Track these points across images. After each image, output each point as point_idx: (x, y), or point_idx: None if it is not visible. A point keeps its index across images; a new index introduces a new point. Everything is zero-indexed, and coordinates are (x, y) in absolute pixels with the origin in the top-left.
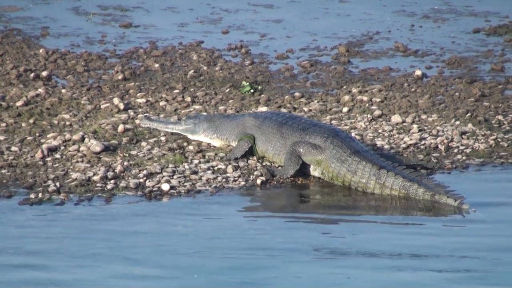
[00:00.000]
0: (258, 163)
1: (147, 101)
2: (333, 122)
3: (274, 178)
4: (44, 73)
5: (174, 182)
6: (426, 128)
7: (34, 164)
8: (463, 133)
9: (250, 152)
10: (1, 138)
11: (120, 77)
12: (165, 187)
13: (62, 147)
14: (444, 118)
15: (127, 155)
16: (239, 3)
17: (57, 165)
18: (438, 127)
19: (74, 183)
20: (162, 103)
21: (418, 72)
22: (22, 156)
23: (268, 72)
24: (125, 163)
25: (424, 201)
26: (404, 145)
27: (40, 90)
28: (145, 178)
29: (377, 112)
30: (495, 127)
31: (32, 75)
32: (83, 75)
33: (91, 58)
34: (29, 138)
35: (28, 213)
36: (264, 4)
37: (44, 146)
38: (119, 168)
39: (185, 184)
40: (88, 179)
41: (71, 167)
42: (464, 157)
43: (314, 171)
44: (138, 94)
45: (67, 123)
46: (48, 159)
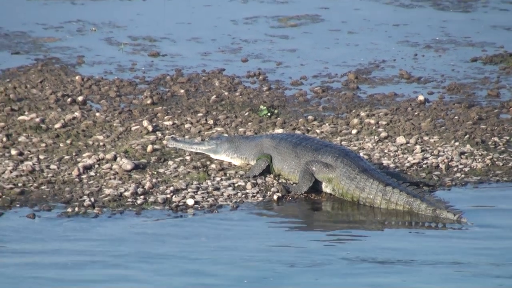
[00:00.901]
0: (274, 180)
1: (174, 123)
2: (343, 143)
3: (290, 194)
4: (80, 98)
5: (198, 197)
6: (428, 148)
7: (71, 181)
8: (462, 153)
9: (268, 170)
10: (41, 157)
11: (149, 102)
12: (190, 202)
13: (96, 166)
14: (444, 140)
15: (155, 172)
16: (257, 34)
17: (91, 181)
18: (439, 148)
19: (107, 198)
20: (187, 126)
21: (421, 98)
22: (60, 174)
23: (283, 97)
24: (154, 180)
25: (426, 215)
26: (408, 164)
27: (76, 114)
28: (171, 193)
29: (383, 134)
30: (491, 148)
31: (69, 99)
32: (115, 99)
33: (123, 84)
34: (67, 157)
35: (65, 225)
36: (280, 35)
37: (80, 165)
38: (148, 184)
39: (208, 199)
40: (120, 195)
41: (105, 183)
42: (463, 175)
43: (326, 188)
44: (165, 117)
45: (101, 143)
46: (84, 176)
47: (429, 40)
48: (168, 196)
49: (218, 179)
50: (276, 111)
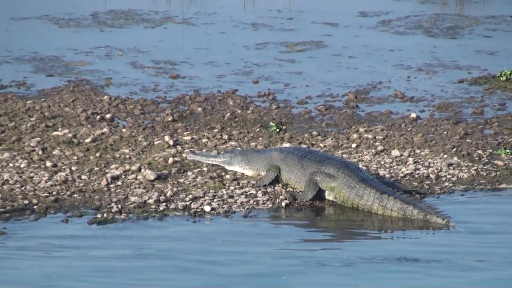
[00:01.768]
0: (283, 189)
1: (192, 138)
2: (344, 155)
3: (296, 201)
4: (108, 116)
5: (214, 204)
6: (419, 160)
7: (100, 190)
8: (450, 164)
9: (276, 180)
10: (73, 168)
11: (170, 119)
12: (207, 208)
13: (123, 176)
14: (434, 152)
15: (176, 182)
16: (267, 58)
17: (118, 190)
18: (430, 160)
19: (133, 205)
20: (204, 140)
21: (413, 115)
22: (91, 183)
23: (290, 115)
24: (174, 189)
25: (417, 220)
26: (402, 174)
27: (105, 129)
28: (190, 201)
29: (380, 148)
30: (476, 160)
31: (98, 117)
32: (140, 117)
33: (146, 103)
34: (96, 168)
35: (94, 230)
36: (287, 59)
37: (108, 175)
38: (169, 193)
39: (223, 206)
40: (144, 202)
41: (130, 192)
42: (450, 184)
43: (329, 196)
44: (185, 133)
45: (127, 156)
46: (112, 185)
47: (420, 64)
48: (187, 203)
49: (232, 188)
50: (284, 127)
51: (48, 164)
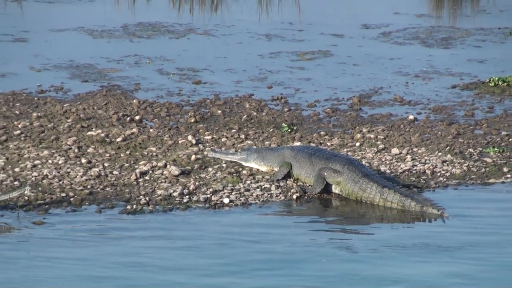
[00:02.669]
0: (294, 183)
1: (212, 138)
2: (348, 153)
3: (306, 194)
4: (137, 117)
5: (232, 197)
6: (417, 158)
7: (130, 184)
8: (444, 161)
9: (288, 175)
10: (106, 164)
11: (192, 120)
12: (226, 200)
13: (150, 171)
14: (430, 151)
15: (198, 177)
16: (279, 66)
17: (146, 184)
18: (426, 157)
19: (159, 198)
20: (223, 139)
21: (411, 117)
22: (121, 178)
23: (301, 117)
24: (197, 183)
25: (415, 211)
26: (400, 170)
27: (134, 130)
28: (211, 194)
29: (381, 146)
30: (467, 157)
31: (128, 118)
32: (166, 118)
33: (171, 106)
34: (126, 164)
35: (125, 219)
36: (297, 67)
37: (137, 171)
38: (192, 187)
39: (240, 198)
40: (169, 195)
41: (157, 186)
42: (444, 179)
43: (335, 189)
44: (206, 133)
45: (154, 154)
46: (140, 180)
47: (417, 71)
48: (208, 196)
49: (248, 182)
50: (295, 127)
51: (83, 160)
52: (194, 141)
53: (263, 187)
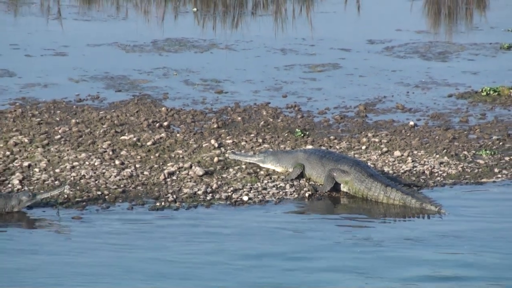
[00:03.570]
0: (306, 183)
1: (233, 141)
2: (355, 155)
3: (317, 192)
4: (165, 123)
5: (251, 195)
6: (416, 159)
7: (158, 183)
8: (441, 163)
9: (301, 175)
10: (137, 166)
11: (215, 126)
12: (245, 198)
13: (177, 172)
14: (428, 153)
15: (220, 177)
16: (293, 77)
17: (173, 183)
18: (425, 159)
19: (185, 196)
20: (243, 143)
21: (411, 123)
22: (151, 178)
23: (312, 123)
24: (219, 182)
25: (415, 208)
26: (402, 171)
27: (162, 134)
28: (232, 192)
29: (385, 149)
30: (462, 159)
31: (157, 124)
32: (191, 124)
33: (196, 113)
34: (155, 166)
35: (154, 215)
36: (309, 78)
37: (165, 171)
38: (214, 185)
39: (258, 196)
40: (194, 193)
41: (183, 185)
42: (441, 179)
43: (343, 188)
44: (227, 137)
45: (180, 156)
46: (168, 179)
47: (417, 82)
48: (229, 194)
49: (265, 181)
50: (307, 132)
51: (117, 162)
52: (216, 145)
53: (278, 186)
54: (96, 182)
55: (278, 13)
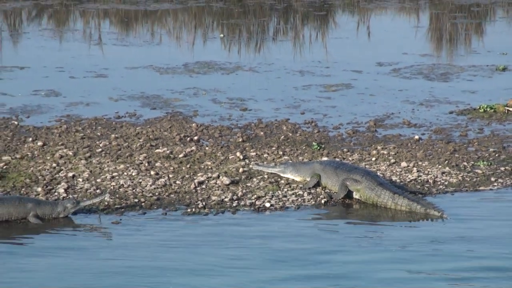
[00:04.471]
0: (322, 191)
1: (256, 154)
2: (366, 166)
3: (332, 199)
4: (195, 138)
5: (273, 201)
6: (421, 170)
7: (189, 191)
8: (443, 172)
9: (318, 184)
10: (170, 176)
11: (240, 140)
12: (267, 205)
13: (206, 181)
14: (432, 164)
15: (244, 186)
16: (310, 96)
17: (203, 192)
18: (428, 169)
19: (214, 202)
20: (265, 155)
21: (416, 137)
22: (183, 187)
23: (328, 137)
24: (244, 191)
25: (419, 213)
26: (408, 180)
27: (193, 148)
28: (255, 199)
29: (392, 160)
30: (462, 169)
31: (188, 139)
32: (218, 139)
33: (223, 128)
34: (187, 176)
35: (186, 220)
36: (325, 97)
37: (196, 181)
38: (240, 193)
39: (279, 203)
40: (222, 200)
41: (212, 193)
42: (444, 187)
43: (355, 195)
44: (251, 150)
45: (209, 167)
46: (198, 188)
47: (422, 100)
48: (253, 201)
49: (285, 189)
50: (323, 146)
51: (152, 173)
52: (241, 157)
53: (297, 193)
54: (134, 190)
55: (296, 38)
